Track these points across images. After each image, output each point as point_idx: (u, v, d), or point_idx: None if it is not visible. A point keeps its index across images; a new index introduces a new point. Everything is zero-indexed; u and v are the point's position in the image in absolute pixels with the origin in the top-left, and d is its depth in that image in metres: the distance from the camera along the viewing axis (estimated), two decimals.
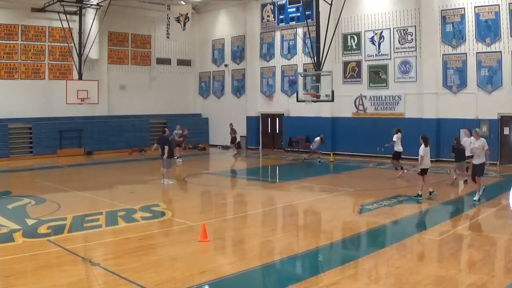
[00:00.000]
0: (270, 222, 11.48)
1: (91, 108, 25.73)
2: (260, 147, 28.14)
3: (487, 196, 12.89)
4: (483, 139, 12.92)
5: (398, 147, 17.08)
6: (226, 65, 29.82)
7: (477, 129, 13.81)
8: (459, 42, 20.34)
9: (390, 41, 22.38)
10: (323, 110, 24.37)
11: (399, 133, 17.16)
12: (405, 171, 16.93)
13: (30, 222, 10.51)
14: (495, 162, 18.97)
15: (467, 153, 14.38)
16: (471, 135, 13.97)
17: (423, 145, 12.84)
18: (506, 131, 19.40)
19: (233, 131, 25.12)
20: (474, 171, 12.95)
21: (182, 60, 31.16)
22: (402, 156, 17.46)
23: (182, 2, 27.02)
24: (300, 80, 20.21)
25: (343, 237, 9.91)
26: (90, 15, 24.78)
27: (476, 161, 12.79)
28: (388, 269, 7.55)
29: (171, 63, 30.65)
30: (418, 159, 13.01)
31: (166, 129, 17.74)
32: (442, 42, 20.80)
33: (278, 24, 26.80)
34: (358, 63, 23.63)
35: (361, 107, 23.57)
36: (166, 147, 15.72)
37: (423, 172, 12.91)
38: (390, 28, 22.38)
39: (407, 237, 9.53)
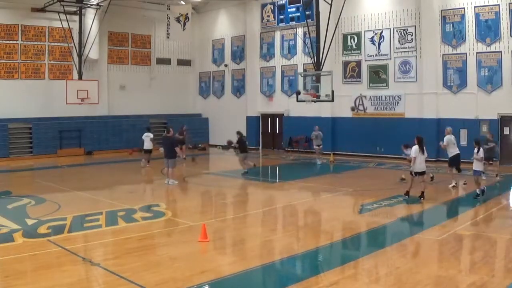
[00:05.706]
0: (270, 222, 11.48)
1: (91, 108, 25.71)
2: (260, 147, 28.13)
3: (487, 196, 12.90)
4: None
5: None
6: (226, 65, 29.81)
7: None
8: (459, 42, 20.34)
9: (390, 41, 22.37)
10: (323, 110, 24.36)
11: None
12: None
13: (30, 222, 10.51)
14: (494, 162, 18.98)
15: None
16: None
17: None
18: (506, 131, 19.40)
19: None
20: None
21: (182, 60, 31.15)
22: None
23: (182, 2, 27.00)
24: (300, 80, 20.22)
25: (343, 237, 9.90)
26: (90, 15, 24.78)
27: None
28: (388, 269, 7.55)
29: (171, 63, 30.64)
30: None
31: (170, 129, 17.35)
32: (442, 42, 20.80)
33: (278, 24, 26.78)
34: (358, 63, 23.62)
35: (361, 107, 23.57)
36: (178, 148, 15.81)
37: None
38: (390, 28, 22.37)
39: (407, 237, 9.54)
